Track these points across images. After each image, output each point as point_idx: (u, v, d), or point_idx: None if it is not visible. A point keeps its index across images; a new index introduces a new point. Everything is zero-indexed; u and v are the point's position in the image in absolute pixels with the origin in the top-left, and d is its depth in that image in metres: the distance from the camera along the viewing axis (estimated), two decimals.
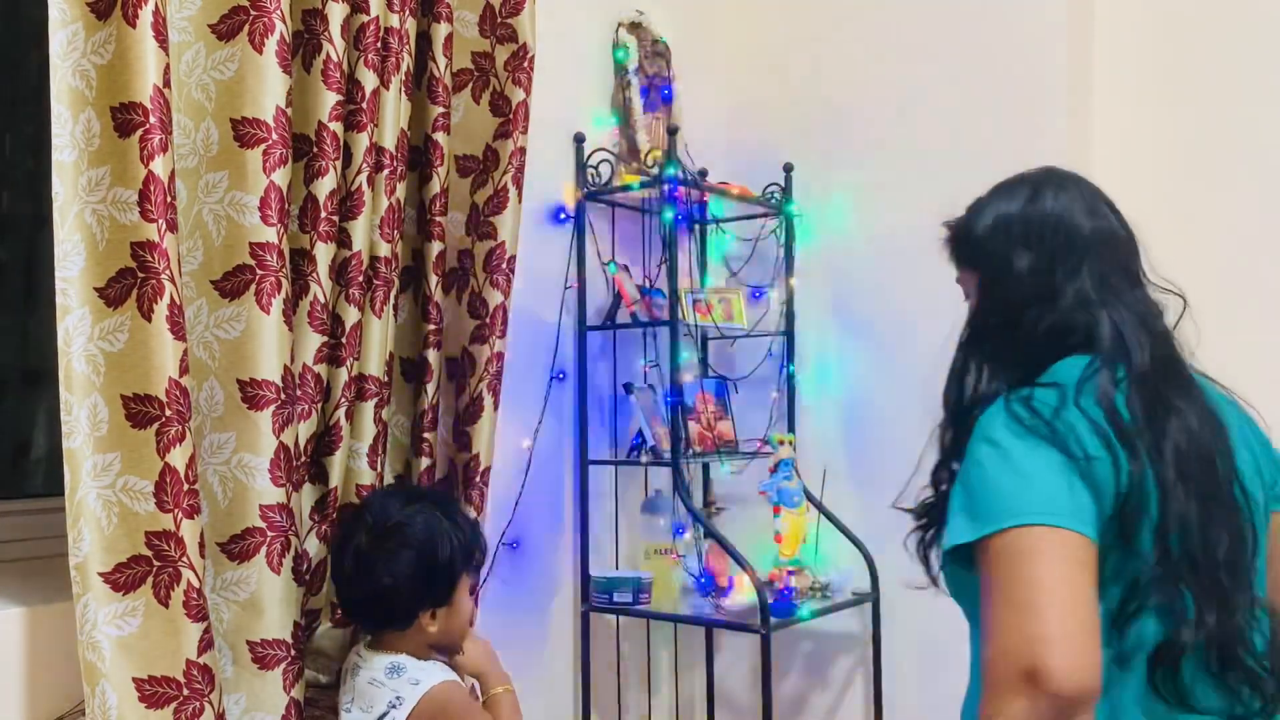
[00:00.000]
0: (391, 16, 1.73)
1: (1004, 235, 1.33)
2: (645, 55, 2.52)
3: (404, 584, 1.53)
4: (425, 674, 1.53)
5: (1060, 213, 1.34)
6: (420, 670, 1.53)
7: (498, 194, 1.96)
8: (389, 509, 1.58)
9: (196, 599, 1.42)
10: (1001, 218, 1.35)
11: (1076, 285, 1.30)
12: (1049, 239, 1.32)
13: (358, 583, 1.58)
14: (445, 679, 1.53)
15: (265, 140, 1.53)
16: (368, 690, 1.54)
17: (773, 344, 2.60)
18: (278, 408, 1.54)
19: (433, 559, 1.54)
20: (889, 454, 2.55)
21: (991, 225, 1.35)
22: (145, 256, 1.39)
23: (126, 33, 1.37)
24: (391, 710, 1.50)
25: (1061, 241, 1.32)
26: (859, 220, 2.59)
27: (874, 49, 2.59)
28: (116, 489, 1.41)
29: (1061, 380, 1.24)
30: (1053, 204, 1.34)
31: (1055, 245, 1.31)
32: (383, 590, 1.54)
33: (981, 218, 1.37)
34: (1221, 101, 2.38)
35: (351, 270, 1.69)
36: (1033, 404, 1.22)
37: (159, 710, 1.41)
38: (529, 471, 2.24)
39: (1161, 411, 1.22)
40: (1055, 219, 1.33)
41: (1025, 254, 1.31)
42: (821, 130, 2.64)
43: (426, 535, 1.54)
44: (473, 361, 1.95)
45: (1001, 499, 1.16)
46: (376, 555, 1.55)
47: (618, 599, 2.29)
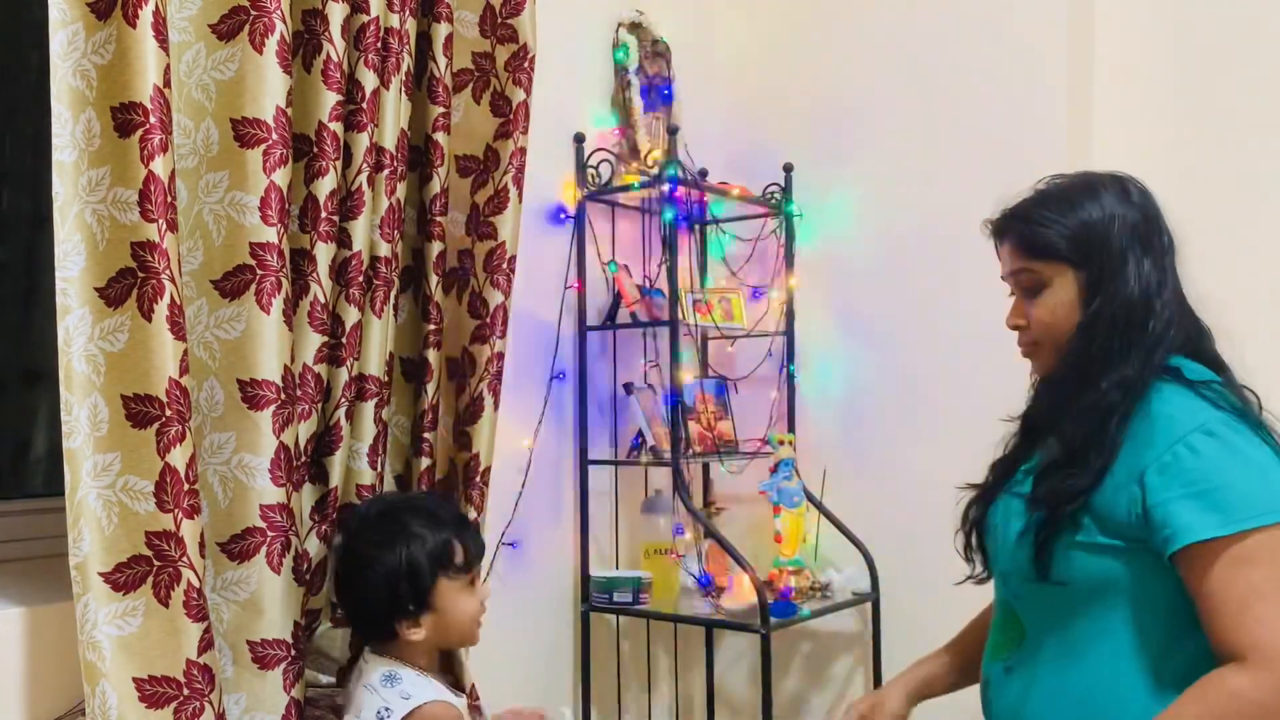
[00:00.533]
0: (391, 16, 1.73)
1: (1125, 232, 1.36)
2: (645, 55, 2.52)
3: (373, 603, 1.55)
4: (418, 690, 1.52)
5: (1161, 213, 1.41)
6: (414, 685, 1.53)
7: (498, 194, 1.96)
8: (350, 526, 1.63)
9: (197, 599, 1.42)
10: (1118, 214, 1.37)
11: (1175, 285, 1.38)
12: (1156, 238, 1.37)
13: (343, 604, 1.65)
14: (437, 698, 1.53)
15: (265, 140, 1.53)
16: (360, 694, 1.54)
17: (773, 344, 2.60)
18: (278, 408, 1.54)
19: (393, 575, 1.53)
20: (889, 454, 2.57)
21: (1107, 221, 1.37)
22: (145, 256, 1.39)
23: (127, 33, 1.37)
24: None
25: (1167, 242, 1.39)
26: (859, 220, 2.59)
27: (874, 49, 2.59)
28: (117, 489, 1.41)
29: (1213, 379, 1.34)
30: (1150, 203, 1.40)
31: (1163, 245, 1.38)
32: (358, 608, 1.59)
33: (1089, 213, 1.38)
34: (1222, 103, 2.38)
35: (351, 270, 1.69)
36: (1221, 394, 1.31)
37: (159, 710, 1.41)
38: (529, 471, 2.24)
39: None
40: (1159, 218, 1.40)
41: (1143, 252, 1.36)
42: (821, 130, 2.65)
43: (377, 552, 1.54)
44: (473, 361, 1.95)
45: (1255, 494, 1.24)
46: (347, 576, 1.60)
47: (618, 599, 2.29)
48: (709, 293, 2.51)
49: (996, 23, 2.43)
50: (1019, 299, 1.45)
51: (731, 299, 2.53)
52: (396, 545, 1.54)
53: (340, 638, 1.77)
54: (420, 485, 1.87)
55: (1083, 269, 1.37)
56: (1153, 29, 2.44)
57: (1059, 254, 1.38)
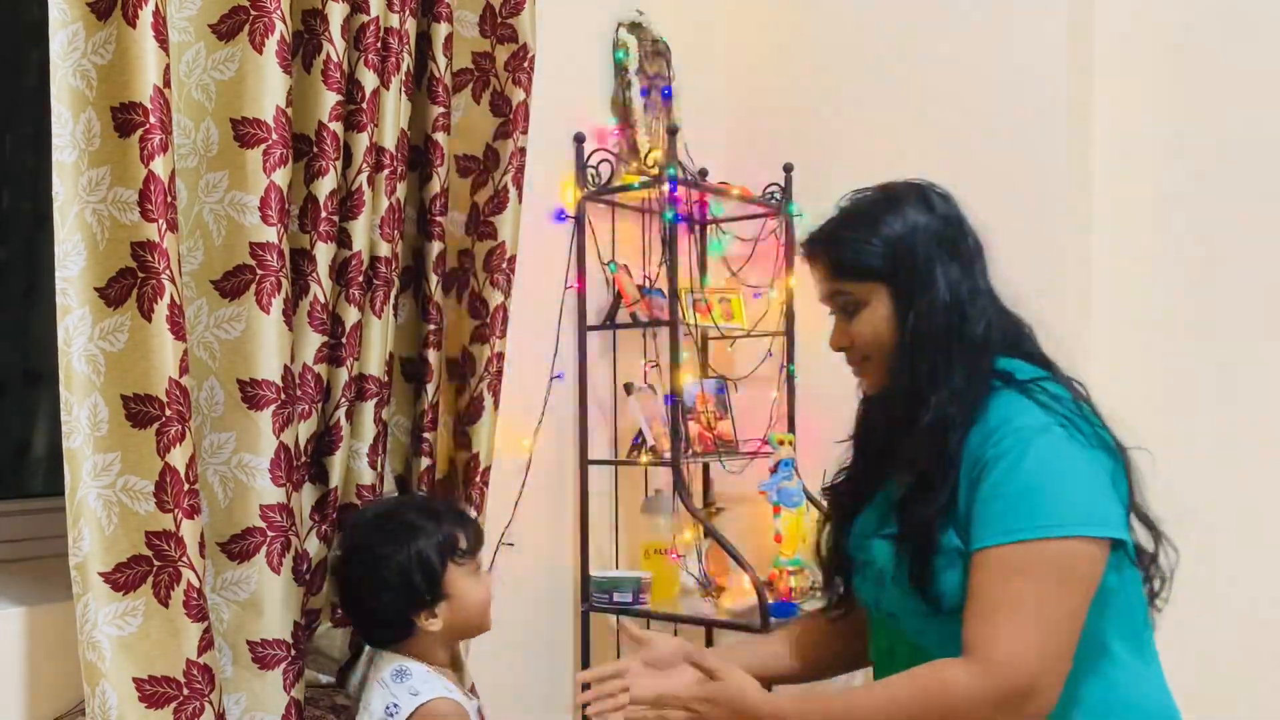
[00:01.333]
0: (391, 16, 1.73)
1: (930, 241, 1.36)
2: (645, 55, 2.52)
3: (386, 602, 1.54)
4: (427, 686, 1.52)
5: (963, 217, 1.40)
6: (424, 681, 1.53)
7: (498, 194, 1.96)
8: (351, 533, 1.62)
9: (197, 599, 1.42)
10: (919, 225, 1.37)
11: (987, 287, 1.39)
12: (962, 244, 1.38)
13: (353, 610, 1.64)
14: (445, 695, 1.53)
15: (265, 140, 1.53)
16: (372, 689, 1.54)
17: (773, 344, 2.60)
18: (278, 408, 1.54)
19: (402, 569, 1.54)
20: None
21: (911, 233, 1.37)
22: (145, 256, 1.39)
23: (127, 33, 1.37)
24: (388, 717, 1.50)
25: (973, 246, 1.39)
26: None
27: (874, 49, 2.59)
28: (117, 489, 1.41)
29: (1042, 375, 1.34)
30: (952, 208, 1.40)
31: (970, 250, 1.38)
32: (372, 613, 1.58)
33: (892, 227, 1.37)
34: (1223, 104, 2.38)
35: (351, 270, 1.69)
36: (1052, 394, 1.30)
37: (159, 710, 1.41)
38: (529, 471, 2.24)
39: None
40: (962, 223, 1.40)
41: (950, 259, 1.36)
42: (821, 130, 2.65)
43: (385, 550, 1.54)
44: (473, 361, 1.95)
45: (1048, 507, 1.24)
46: (355, 582, 1.58)
47: (618, 599, 2.29)
48: (709, 293, 2.51)
49: (996, 23, 2.43)
50: (840, 320, 1.45)
51: (731, 299, 2.53)
52: (403, 539, 1.54)
53: (340, 638, 1.77)
54: (420, 485, 1.87)
55: (894, 283, 1.37)
56: (1153, 30, 2.44)
57: (869, 272, 1.39)
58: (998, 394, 1.32)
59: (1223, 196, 2.37)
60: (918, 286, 1.35)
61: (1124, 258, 2.48)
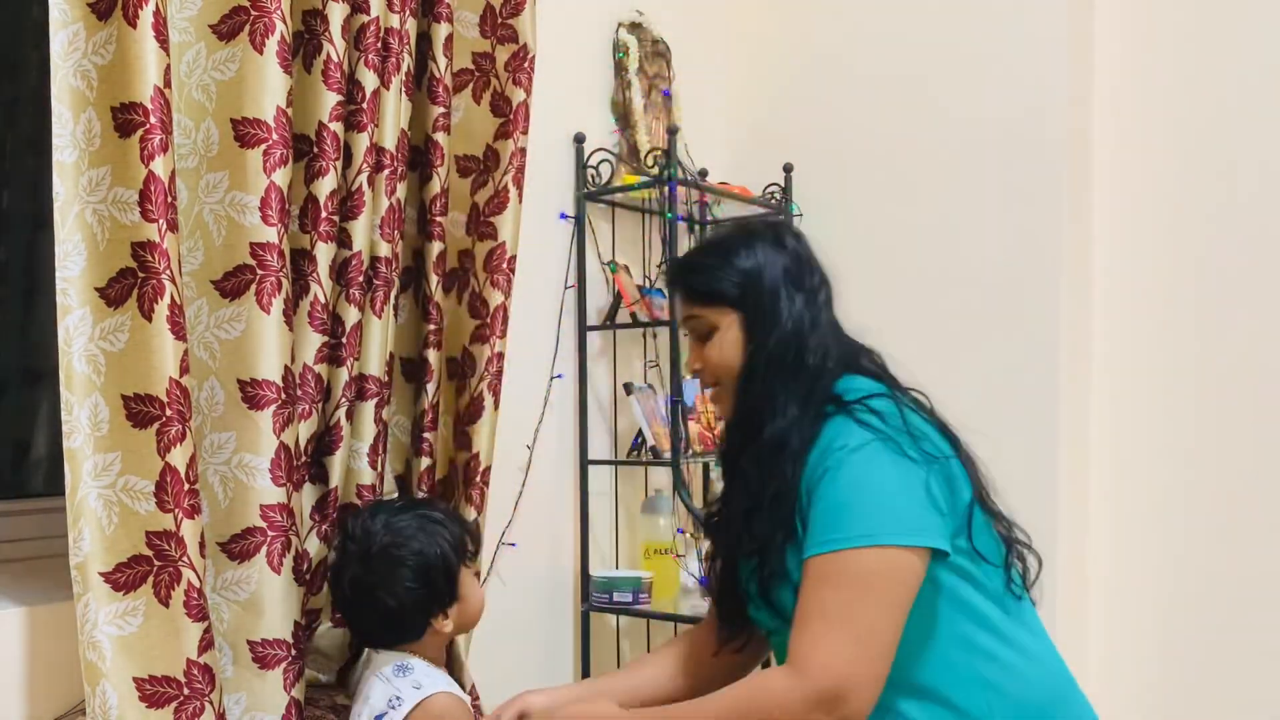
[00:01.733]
0: (392, 17, 1.73)
1: (778, 275, 1.47)
2: (645, 55, 2.52)
3: (408, 601, 1.54)
4: (430, 680, 1.52)
5: (812, 255, 1.52)
6: (426, 675, 1.53)
7: (498, 194, 1.96)
8: (371, 531, 1.58)
9: (197, 599, 1.42)
10: (770, 260, 1.48)
11: (829, 320, 1.49)
12: (808, 278, 1.48)
13: (364, 611, 1.58)
14: (448, 690, 1.53)
15: (265, 140, 1.53)
16: (372, 683, 1.54)
17: None
18: (278, 408, 1.54)
19: (428, 568, 1.54)
20: None
21: (763, 267, 1.47)
22: (146, 256, 1.39)
23: (127, 33, 1.37)
24: (390, 710, 1.49)
25: (818, 282, 1.50)
26: (858, 221, 2.59)
27: (874, 49, 2.59)
28: (117, 489, 1.41)
29: (875, 390, 1.42)
30: (803, 247, 1.52)
31: (815, 284, 1.49)
32: (389, 612, 1.54)
33: (746, 263, 1.48)
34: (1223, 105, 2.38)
35: (352, 270, 1.69)
36: (876, 410, 1.38)
37: (159, 710, 1.41)
38: (529, 471, 2.24)
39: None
40: (810, 260, 1.51)
41: (795, 291, 1.46)
42: (821, 130, 2.65)
43: (416, 546, 1.54)
44: (473, 361, 1.95)
45: (861, 518, 1.31)
46: (373, 581, 1.54)
47: (618, 599, 2.29)
48: None
49: (997, 24, 2.43)
50: (695, 345, 1.53)
51: None
52: (428, 539, 1.54)
53: (340, 638, 1.77)
54: (420, 485, 1.87)
55: (744, 311, 1.47)
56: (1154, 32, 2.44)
57: (720, 298, 1.48)
58: (830, 420, 1.39)
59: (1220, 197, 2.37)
60: (765, 316, 1.45)
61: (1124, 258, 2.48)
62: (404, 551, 1.54)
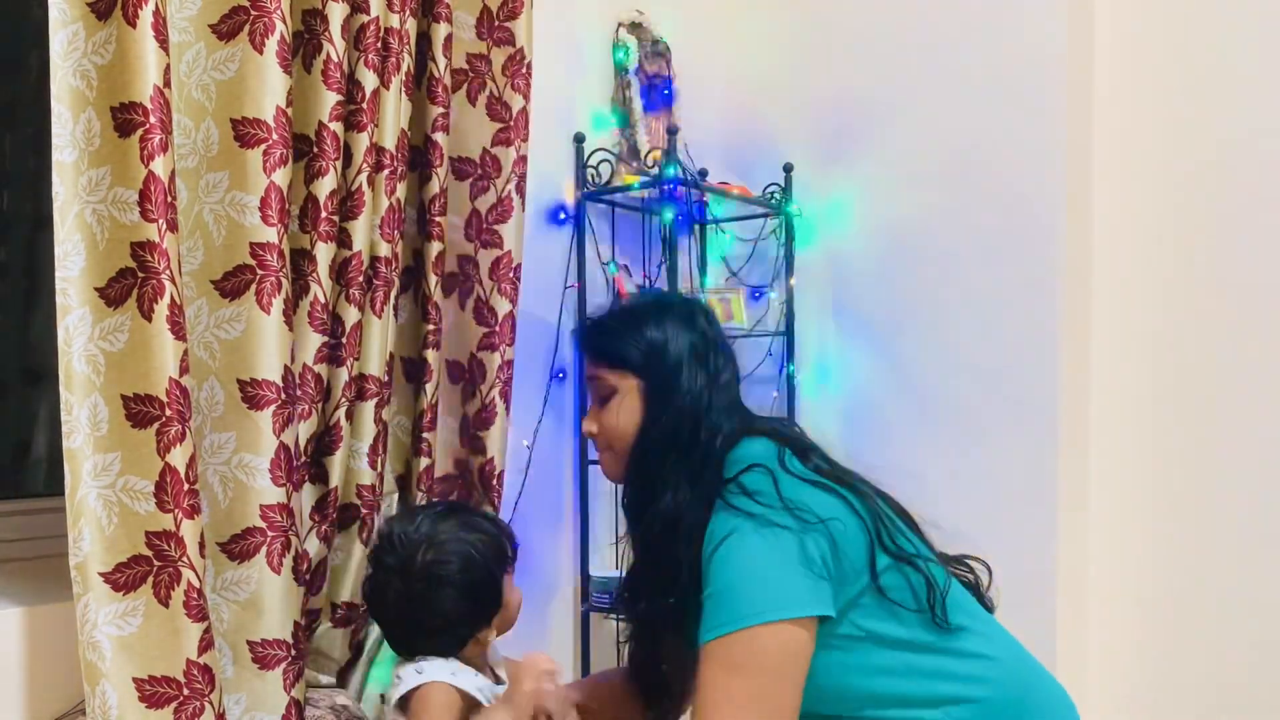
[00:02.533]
0: (392, 17, 1.73)
1: (683, 350, 1.50)
2: (645, 55, 2.52)
3: (455, 618, 1.52)
4: (433, 670, 1.52)
5: (719, 336, 1.55)
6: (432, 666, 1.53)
7: (501, 202, 1.96)
8: (412, 545, 1.52)
9: (197, 599, 1.42)
10: (676, 334, 1.51)
11: (729, 397, 1.52)
12: (712, 357, 1.51)
13: (410, 627, 1.55)
14: (443, 681, 1.52)
15: (265, 140, 1.53)
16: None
17: (773, 344, 2.60)
18: (278, 408, 1.54)
19: (474, 584, 1.52)
20: (889, 454, 2.57)
21: (668, 340, 1.51)
22: (145, 256, 1.39)
23: (127, 33, 1.37)
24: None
25: (723, 363, 1.52)
26: (859, 220, 2.59)
27: (874, 49, 2.59)
28: (117, 489, 1.41)
29: (758, 459, 1.42)
30: (713, 329, 1.55)
31: (718, 364, 1.51)
32: (436, 629, 1.53)
33: (654, 334, 1.51)
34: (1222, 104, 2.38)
35: (352, 270, 1.69)
36: (749, 489, 1.38)
37: (159, 710, 1.41)
38: (529, 471, 2.24)
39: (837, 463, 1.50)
40: (718, 341, 1.54)
41: (698, 368, 1.49)
42: (821, 130, 2.65)
43: (461, 563, 1.51)
44: (482, 368, 1.96)
45: (743, 599, 1.33)
46: (418, 600, 1.51)
47: None
48: (709, 293, 2.51)
49: (997, 23, 2.43)
50: (594, 407, 1.56)
51: (731, 299, 2.52)
52: (466, 556, 1.52)
53: (340, 638, 1.77)
54: (420, 485, 1.87)
55: (646, 379, 1.49)
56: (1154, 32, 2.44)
57: (623, 363, 1.51)
58: (715, 510, 1.40)
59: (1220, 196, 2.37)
60: (664, 387, 1.48)
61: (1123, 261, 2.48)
62: (449, 570, 1.50)
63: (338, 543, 1.75)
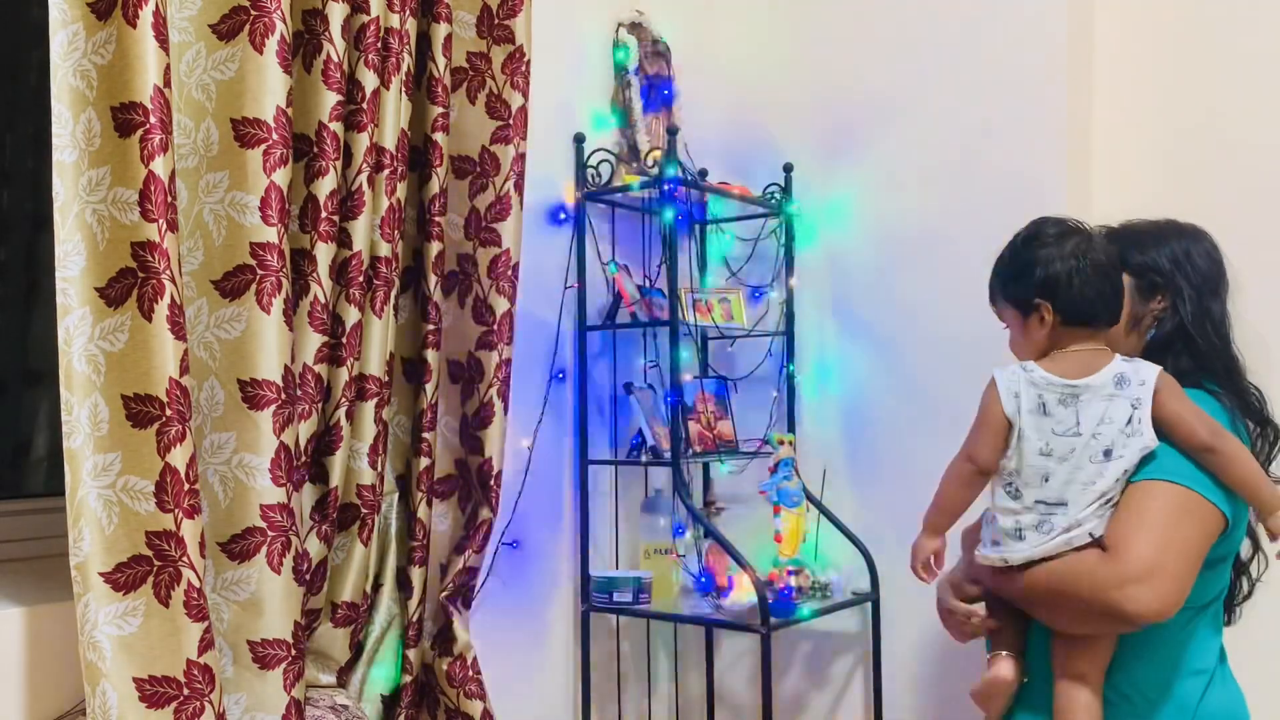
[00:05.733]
0: (392, 17, 1.73)
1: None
2: (645, 55, 2.52)
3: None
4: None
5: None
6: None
7: (500, 200, 1.96)
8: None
9: (197, 599, 1.42)
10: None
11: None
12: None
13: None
14: None
15: (265, 140, 1.53)
16: None
17: (773, 344, 2.60)
18: (278, 407, 1.54)
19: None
20: (889, 454, 2.57)
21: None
22: (146, 256, 1.39)
23: (127, 33, 1.37)
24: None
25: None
26: (859, 220, 2.59)
27: (874, 49, 2.59)
28: (117, 489, 1.41)
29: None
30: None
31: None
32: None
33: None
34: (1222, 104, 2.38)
35: (352, 270, 1.69)
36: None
37: (159, 710, 1.41)
38: (529, 471, 2.24)
39: None
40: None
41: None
42: (821, 130, 2.64)
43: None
44: (480, 367, 1.96)
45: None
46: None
47: (617, 599, 2.29)
48: (709, 293, 2.51)
49: (997, 23, 2.43)
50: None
51: (731, 299, 2.52)
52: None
53: (340, 638, 1.77)
54: (420, 485, 1.87)
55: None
56: (1154, 31, 2.44)
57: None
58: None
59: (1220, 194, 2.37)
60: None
61: None
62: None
63: (338, 543, 1.75)
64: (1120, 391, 1.51)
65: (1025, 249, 1.62)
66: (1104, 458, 1.49)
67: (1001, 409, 1.57)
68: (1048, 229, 1.61)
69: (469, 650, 1.92)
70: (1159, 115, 2.43)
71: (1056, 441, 1.52)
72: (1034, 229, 1.63)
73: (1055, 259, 1.57)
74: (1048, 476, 1.51)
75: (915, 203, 2.52)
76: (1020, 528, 1.54)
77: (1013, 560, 1.54)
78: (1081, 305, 1.56)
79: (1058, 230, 1.60)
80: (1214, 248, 1.70)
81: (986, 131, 2.43)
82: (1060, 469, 1.51)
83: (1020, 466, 1.54)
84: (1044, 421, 1.54)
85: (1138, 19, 2.45)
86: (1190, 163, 2.40)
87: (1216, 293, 1.67)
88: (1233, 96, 2.37)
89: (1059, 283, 1.56)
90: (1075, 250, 1.56)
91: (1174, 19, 2.42)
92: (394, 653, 1.87)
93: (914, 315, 2.50)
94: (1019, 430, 1.55)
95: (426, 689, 1.94)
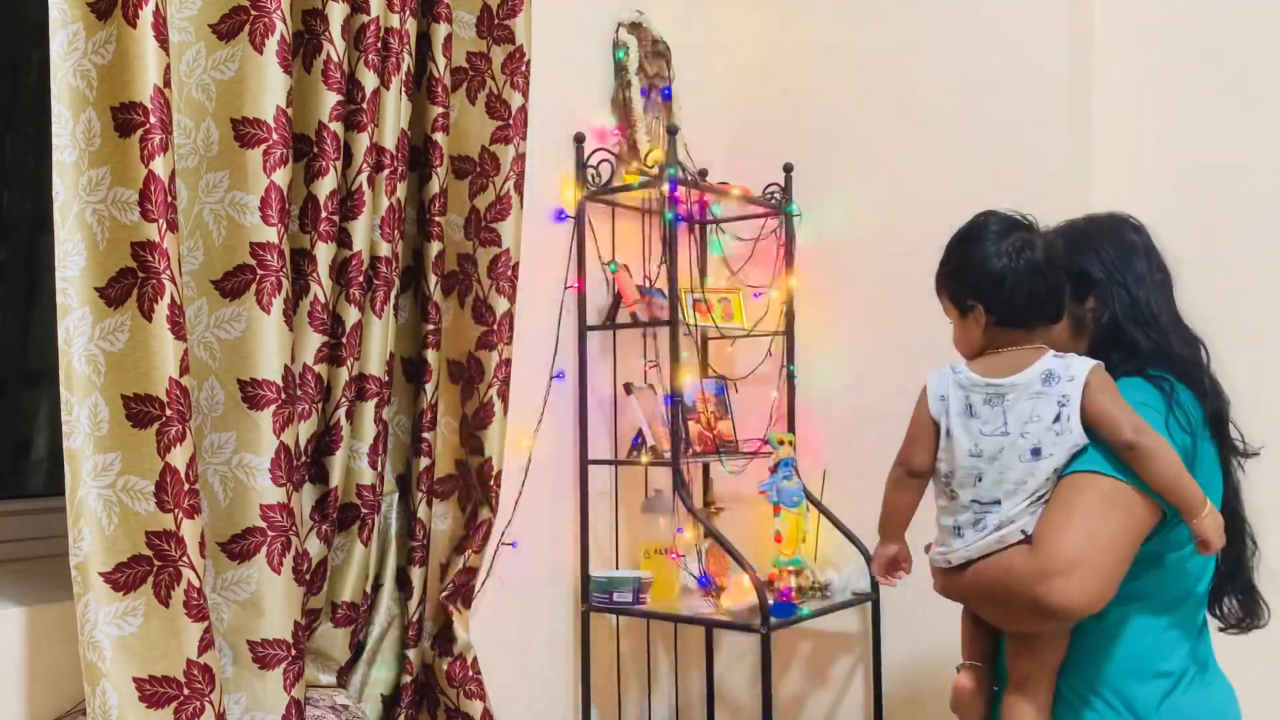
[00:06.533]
0: (392, 17, 1.73)
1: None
2: (645, 55, 2.52)
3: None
4: None
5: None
6: None
7: (500, 200, 1.96)
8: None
9: (197, 599, 1.42)
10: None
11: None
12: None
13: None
14: None
15: (265, 140, 1.53)
16: None
17: (773, 344, 2.60)
18: (278, 407, 1.54)
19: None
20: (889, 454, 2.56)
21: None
22: (145, 256, 1.39)
23: (127, 33, 1.37)
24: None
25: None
26: (859, 220, 2.59)
27: (874, 49, 2.59)
28: (117, 489, 1.41)
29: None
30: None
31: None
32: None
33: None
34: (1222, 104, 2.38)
35: (352, 270, 1.69)
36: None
37: (159, 710, 1.41)
38: (529, 471, 2.24)
39: None
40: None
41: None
42: (821, 130, 2.65)
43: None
44: (480, 367, 1.96)
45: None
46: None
47: (617, 599, 2.29)
48: (709, 293, 2.51)
49: (997, 23, 2.43)
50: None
51: (731, 299, 2.53)
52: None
53: (340, 638, 1.77)
54: (420, 485, 1.87)
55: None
56: (1152, 32, 2.44)
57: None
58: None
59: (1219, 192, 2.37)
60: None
61: None
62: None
63: (338, 543, 1.75)
64: (1047, 389, 1.48)
65: (962, 246, 1.60)
66: (1032, 456, 1.47)
67: (928, 411, 1.57)
68: (990, 225, 1.58)
69: (469, 650, 1.92)
70: (1160, 117, 2.43)
71: (985, 442, 1.50)
72: (974, 226, 1.60)
73: (990, 258, 1.54)
74: (980, 477, 1.50)
75: (914, 202, 2.52)
76: (958, 526, 1.52)
77: (953, 560, 1.53)
78: (1014, 308, 1.53)
79: (999, 227, 1.57)
80: (1149, 242, 1.68)
81: (987, 131, 2.43)
82: (990, 469, 1.49)
83: (953, 468, 1.53)
84: (972, 423, 1.52)
85: (1137, 22, 2.45)
86: (1190, 162, 2.40)
87: (1152, 285, 1.62)
88: (1234, 96, 2.37)
89: (993, 284, 1.53)
90: (1011, 249, 1.53)
91: (1174, 18, 2.42)
92: (394, 653, 1.87)
93: (914, 315, 2.50)
94: (948, 431, 1.54)
95: (426, 689, 1.94)
